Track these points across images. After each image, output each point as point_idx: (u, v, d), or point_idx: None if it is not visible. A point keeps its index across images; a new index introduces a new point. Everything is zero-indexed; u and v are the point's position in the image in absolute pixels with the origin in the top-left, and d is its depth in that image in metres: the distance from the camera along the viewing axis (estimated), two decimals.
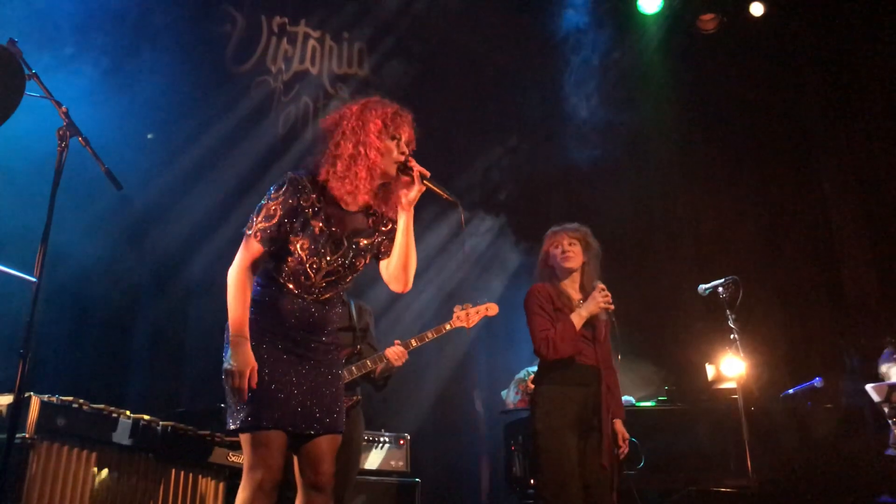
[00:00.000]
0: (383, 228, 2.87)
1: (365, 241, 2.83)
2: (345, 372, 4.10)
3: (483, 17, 7.53)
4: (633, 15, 7.85)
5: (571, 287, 4.07)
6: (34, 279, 2.72)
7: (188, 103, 6.15)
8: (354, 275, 2.85)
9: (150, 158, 5.83)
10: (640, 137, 7.82)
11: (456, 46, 7.49)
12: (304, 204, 2.70)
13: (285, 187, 2.71)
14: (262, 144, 6.47)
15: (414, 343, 4.39)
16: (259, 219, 2.69)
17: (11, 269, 3.20)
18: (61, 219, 2.92)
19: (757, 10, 7.61)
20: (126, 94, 5.73)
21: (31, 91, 2.98)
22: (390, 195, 2.80)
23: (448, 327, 4.46)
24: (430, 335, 4.42)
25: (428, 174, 2.76)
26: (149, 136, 6.00)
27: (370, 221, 2.85)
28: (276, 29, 7.02)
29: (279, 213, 2.68)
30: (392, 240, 2.85)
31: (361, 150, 2.69)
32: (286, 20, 7.07)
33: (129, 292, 5.75)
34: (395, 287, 2.86)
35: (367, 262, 2.87)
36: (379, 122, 2.73)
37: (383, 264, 2.88)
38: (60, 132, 2.88)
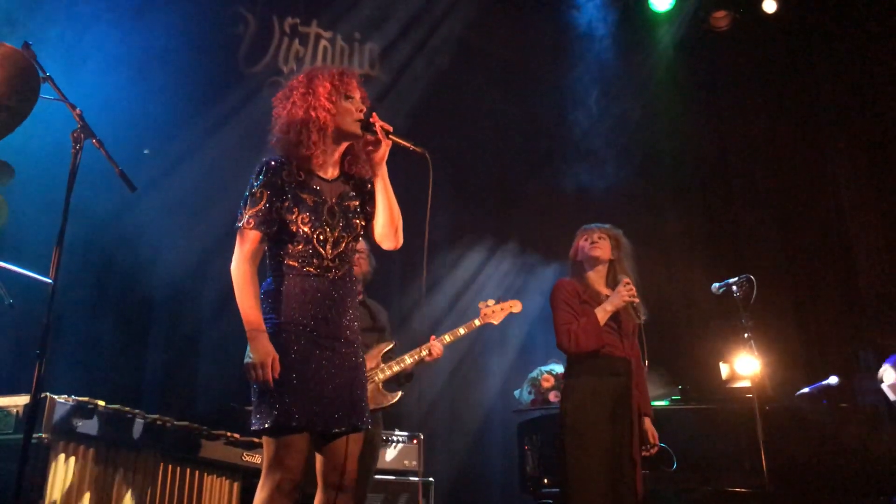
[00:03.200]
0: (366, 189, 2.86)
1: (355, 203, 2.82)
2: (385, 367, 4.12)
3: (493, 17, 7.52)
4: (645, 13, 7.83)
5: (598, 282, 4.09)
6: (50, 280, 2.74)
7: (201, 104, 6.18)
8: (356, 241, 2.82)
9: (164, 160, 5.86)
10: (652, 135, 7.79)
11: (467, 47, 7.49)
12: (287, 180, 2.71)
13: (264, 170, 2.72)
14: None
15: (448, 339, 4.40)
16: (247, 207, 2.68)
17: (28, 270, 3.22)
18: (77, 220, 2.93)
19: (770, 6, 7.57)
20: (137, 94, 5.77)
21: (46, 94, 3.01)
22: (360, 156, 2.82)
23: (477, 323, 4.48)
24: (461, 331, 4.44)
25: (391, 129, 2.77)
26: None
27: (351, 184, 2.85)
28: (287, 30, 7.04)
29: (266, 194, 2.67)
30: (374, 198, 2.85)
31: (312, 113, 2.71)
32: (297, 21, 7.09)
33: (145, 293, 5.78)
34: (387, 245, 2.86)
35: (363, 224, 2.83)
36: (328, 84, 2.75)
37: (372, 224, 2.87)
38: (75, 134, 2.89)
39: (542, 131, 7.71)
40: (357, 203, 2.83)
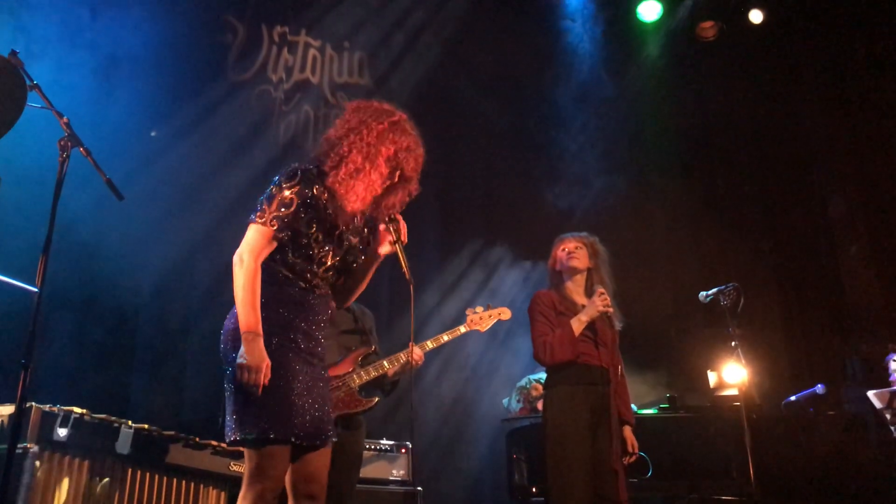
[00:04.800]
0: (366, 230, 2.89)
1: (355, 241, 2.84)
2: (361, 372, 4.09)
3: (482, 27, 7.55)
4: (633, 22, 7.88)
5: (576, 291, 4.12)
6: (36, 289, 2.72)
7: (189, 112, 6.18)
8: (341, 274, 2.84)
9: (151, 166, 5.84)
10: (641, 144, 7.83)
11: (456, 57, 7.51)
12: (316, 195, 2.70)
13: (299, 177, 2.69)
14: (263, 152, 6.50)
15: (430, 345, 4.34)
16: (273, 207, 2.64)
17: (13, 279, 3.20)
18: (63, 229, 2.92)
19: (756, 17, 7.63)
20: (126, 102, 5.76)
21: (33, 102, 2.99)
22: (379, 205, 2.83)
23: (463, 330, 4.43)
24: (445, 337, 4.38)
25: (405, 242, 2.80)
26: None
27: (360, 219, 2.87)
28: (276, 38, 7.05)
29: (296, 201, 2.65)
30: (367, 245, 2.87)
31: (367, 166, 2.71)
32: (287, 30, 7.10)
33: (131, 302, 5.75)
34: (338, 301, 2.89)
35: (355, 264, 2.85)
36: (392, 148, 2.74)
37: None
38: (62, 143, 2.88)
39: (529, 140, 7.74)
40: (357, 242, 2.85)
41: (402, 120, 2.82)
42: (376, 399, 4.13)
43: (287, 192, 2.66)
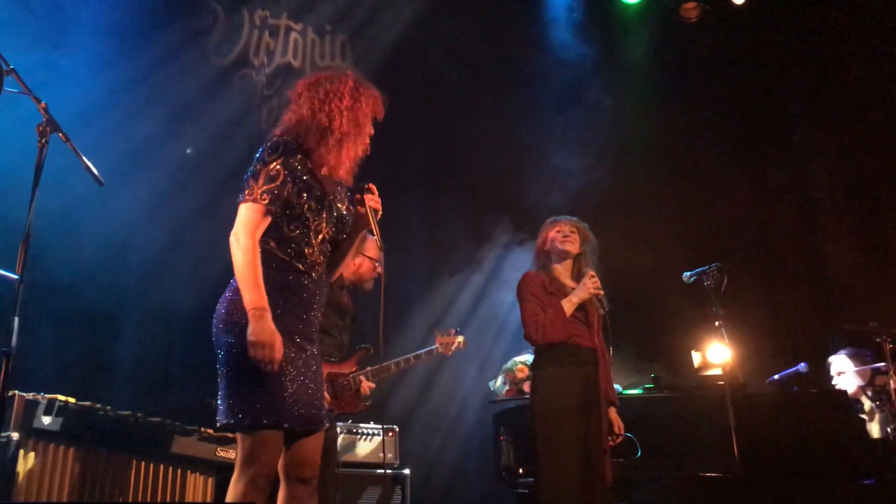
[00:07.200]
0: (346, 194, 2.89)
1: (343, 209, 2.82)
2: (363, 376, 4.16)
3: (464, 10, 7.51)
4: (616, 4, 7.87)
5: (564, 274, 4.15)
6: (16, 276, 2.70)
7: (171, 96, 6.12)
8: (330, 245, 2.82)
9: (133, 154, 5.78)
10: (625, 125, 7.84)
11: (438, 39, 7.47)
12: (300, 166, 2.67)
13: (282, 148, 2.66)
14: (246, 137, 6.45)
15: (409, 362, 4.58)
16: (260, 182, 2.59)
17: None
18: (44, 215, 2.89)
19: None
20: (107, 87, 5.70)
21: (10, 87, 2.95)
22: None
23: (435, 352, 4.65)
24: (423, 356, 4.62)
25: (378, 210, 2.81)
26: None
27: (343, 187, 2.87)
28: (258, 22, 6.99)
29: (283, 173, 2.61)
30: (350, 209, 2.87)
31: (354, 130, 2.74)
32: (267, 13, 7.04)
33: (115, 288, 5.71)
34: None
35: (345, 231, 2.84)
36: (368, 103, 2.79)
37: None
38: (40, 128, 2.86)
39: (513, 123, 7.71)
40: (344, 209, 2.83)
41: (355, 74, 2.85)
42: (369, 402, 4.23)
43: (272, 165, 2.63)
